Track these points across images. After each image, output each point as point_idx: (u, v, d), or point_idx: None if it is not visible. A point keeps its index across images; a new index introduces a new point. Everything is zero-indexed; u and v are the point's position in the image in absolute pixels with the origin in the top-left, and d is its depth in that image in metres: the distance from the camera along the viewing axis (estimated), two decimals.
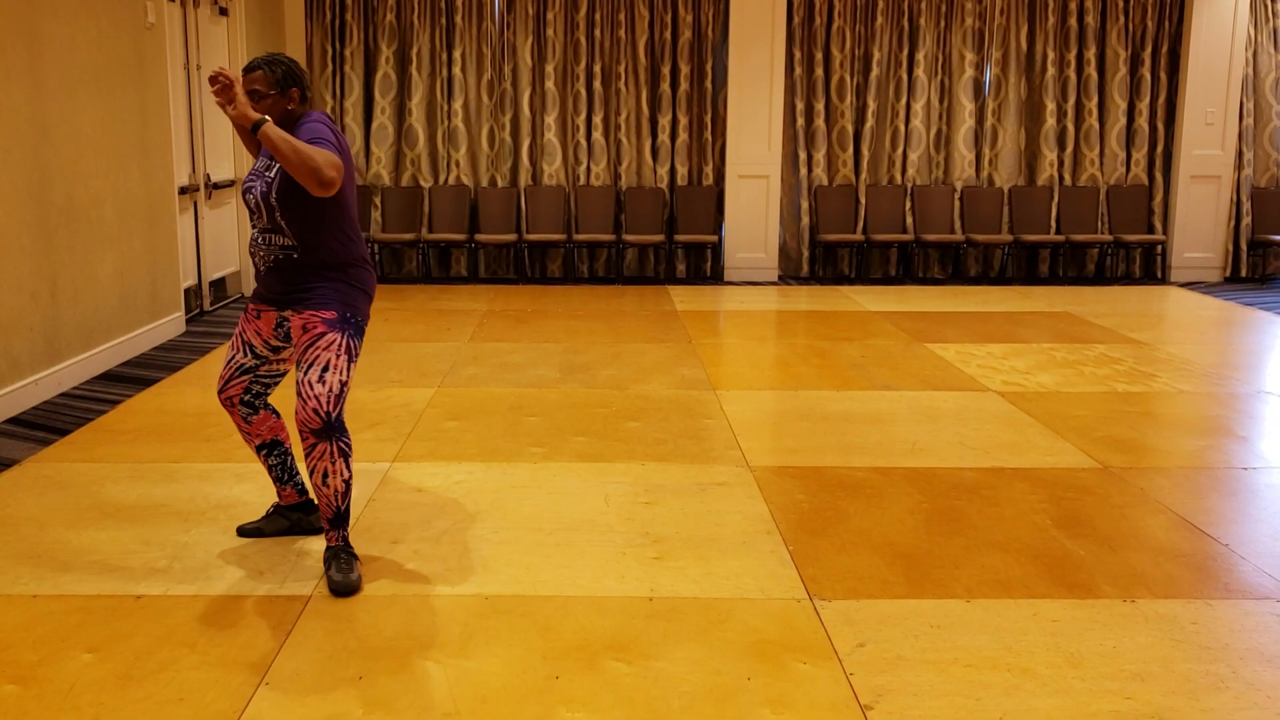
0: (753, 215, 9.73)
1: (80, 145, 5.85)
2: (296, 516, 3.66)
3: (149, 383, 5.83)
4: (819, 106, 9.78)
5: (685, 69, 9.70)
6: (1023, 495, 4.14)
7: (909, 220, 9.92)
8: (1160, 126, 9.94)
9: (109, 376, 5.98)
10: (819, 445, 4.76)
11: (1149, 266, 10.17)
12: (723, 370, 6.18)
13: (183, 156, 7.52)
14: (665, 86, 9.69)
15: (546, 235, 9.56)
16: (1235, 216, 9.98)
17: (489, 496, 4.08)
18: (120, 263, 6.32)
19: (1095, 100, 9.86)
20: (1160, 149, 9.97)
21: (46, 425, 5.03)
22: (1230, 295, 9.17)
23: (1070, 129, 9.92)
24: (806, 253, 10.02)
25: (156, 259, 6.86)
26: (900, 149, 9.89)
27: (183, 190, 7.47)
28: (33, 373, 5.39)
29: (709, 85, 9.77)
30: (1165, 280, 10.01)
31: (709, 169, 9.88)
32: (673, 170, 9.84)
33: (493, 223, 9.72)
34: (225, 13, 8.25)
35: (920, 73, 9.77)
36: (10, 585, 3.28)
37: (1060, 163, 10.01)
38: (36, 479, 4.26)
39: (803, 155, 9.87)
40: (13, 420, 5.10)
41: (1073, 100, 9.87)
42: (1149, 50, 9.81)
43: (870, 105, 9.81)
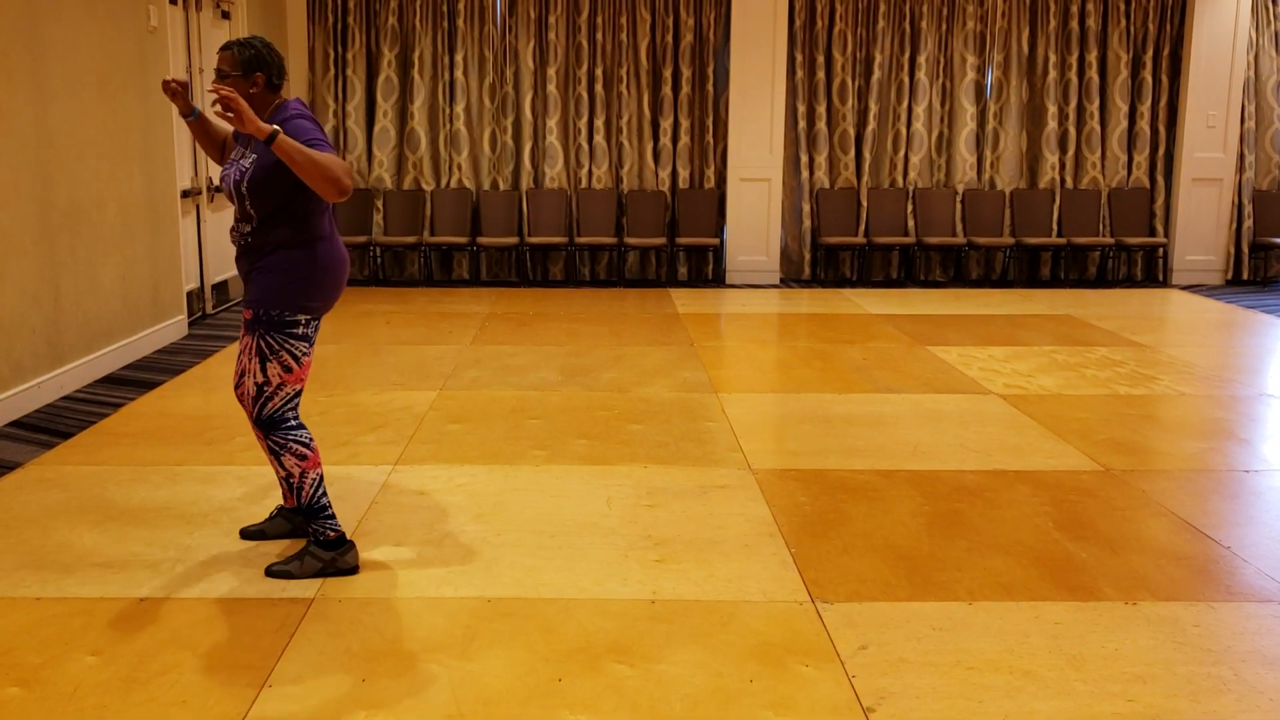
0: (754, 218, 9.74)
1: (83, 148, 5.86)
2: (300, 520, 3.66)
3: (151, 386, 5.84)
4: (820, 109, 9.79)
5: (687, 72, 9.71)
6: (1024, 498, 4.14)
7: (911, 223, 9.93)
8: (1162, 129, 9.95)
9: (111, 379, 5.99)
10: (821, 448, 4.76)
11: (1150, 269, 10.17)
12: (724, 373, 6.19)
13: (185, 160, 7.53)
14: (667, 89, 9.70)
15: (548, 238, 9.57)
16: (1237, 219, 9.99)
17: (491, 499, 4.09)
18: (123, 266, 6.33)
19: (1097, 103, 9.87)
20: (1162, 152, 9.98)
21: (49, 428, 5.03)
22: (1232, 298, 9.17)
23: (1072, 132, 9.93)
24: (808, 255, 10.02)
25: (159, 262, 6.87)
26: (902, 152, 9.90)
27: (185, 193, 7.48)
28: (35, 376, 5.40)
29: (710, 88, 9.78)
30: (1167, 283, 10.02)
31: (710, 172, 9.88)
32: (674, 173, 9.85)
33: (494, 226, 9.73)
34: (227, 16, 8.26)
35: (922, 76, 9.78)
36: (13, 588, 3.29)
37: (1062, 165, 10.01)
38: (39, 482, 4.26)
39: (804, 158, 9.87)
40: (15, 423, 5.11)
41: (1074, 103, 9.87)
42: (1150, 53, 9.82)
43: (872, 108, 9.81)
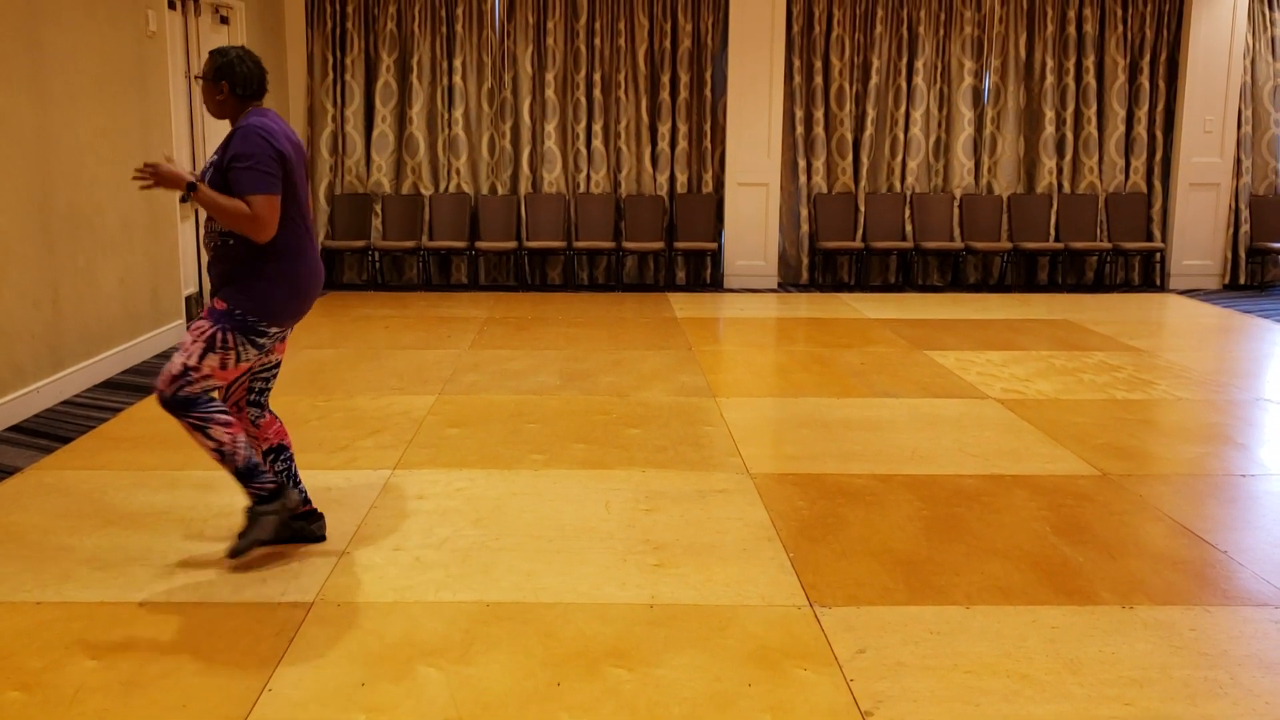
0: (752, 222, 9.75)
1: (83, 153, 5.87)
2: (299, 525, 3.67)
3: (151, 390, 5.85)
4: (818, 114, 9.81)
5: (685, 77, 9.73)
6: (1022, 502, 4.15)
7: (908, 228, 9.95)
8: (1159, 134, 9.97)
9: (111, 384, 5.99)
10: (819, 452, 4.77)
11: (1148, 274, 10.19)
12: (723, 377, 6.20)
13: (184, 164, 7.54)
14: (665, 94, 9.72)
15: (546, 242, 9.58)
16: (1234, 224, 10.01)
17: (490, 503, 4.10)
18: (122, 270, 6.34)
19: (1094, 108, 9.89)
20: (1159, 157, 10.00)
21: (49, 433, 5.04)
22: (1229, 302, 9.19)
23: (1069, 137, 9.95)
24: (806, 260, 10.04)
25: (158, 267, 6.88)
26: (899, 157, 9.92)
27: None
28: (35, 380, 5.40)
29: (708, 93, 9.80)
30: (1164, 288, 10.03)
31: (708, 176, 9.90)
32: (672, 178, 9.86)
33: (493, 230, 9.75)
34: (226, 21, 8.28)
35: (919, 81, 9.81)
36: (13, 593, 3.30)
37: (1059, 170, 10.03)
38: (39, 486, 4.27)
39: (802, 163, 9.89)
40: (15, 428, 5.11)
41: (1072, 108, 9.90)
42: (1147, 58, 9.84)
43: (869, 113, 9.84)
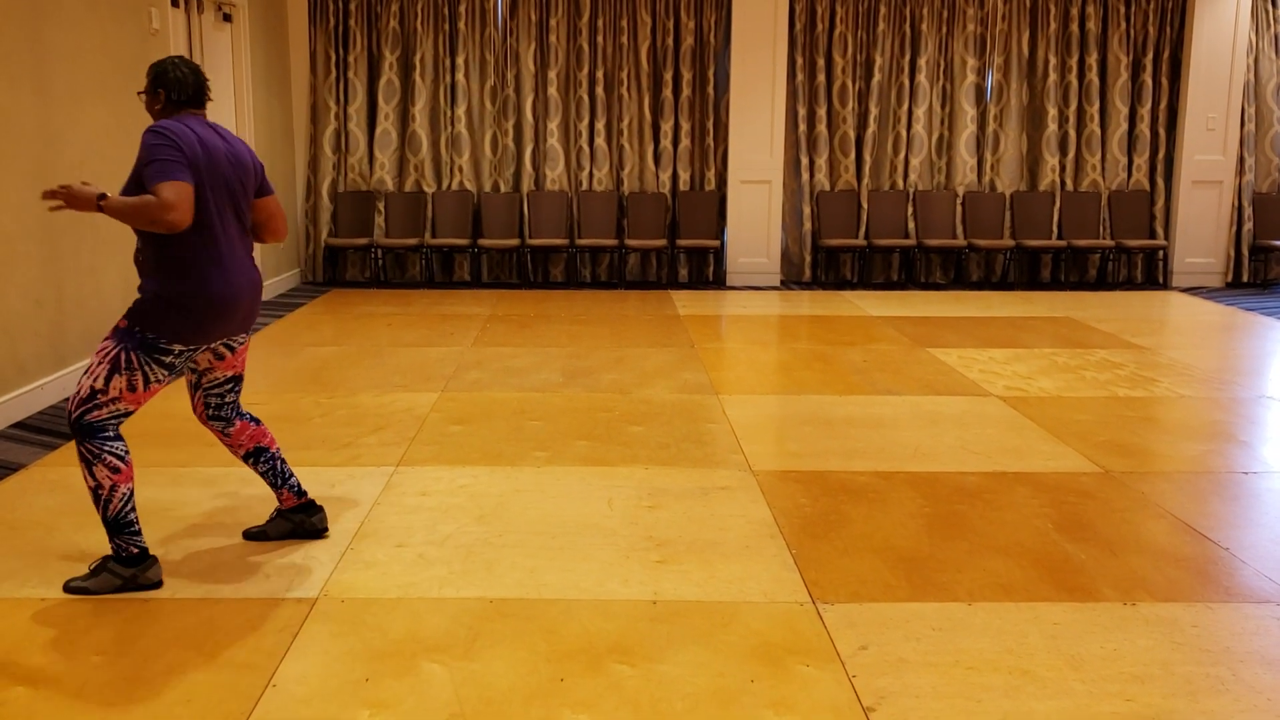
0: (755, 220, 9.76)
1: (86, 152, 5.88)
2: (299, 519, 3.68)
3: None
4: (821, 112, 9.81)
5: (687, 75, 9.73)
6: (1024, 499, 4.16)
7: (911, 225, 9.95)
8: (1162, 132, 9.97)
9: None
10: (821, 449, 4.77)
11: (1150, 271, 10.19)
12: (725, 375, 6.20)
13: None
14: (667, 92, 9.72)
15: (549, 240, 9.59)
16: (1237, 222, 10.00)
17: (493, 500, 4.10)
18: (125, 269, 6.35)
19: (1097, 106, 9.89)
20: (1162, 154, 9.99)
21: (53, 430, 5.05)
22: (1232, 300, 9.18)
23: (1072, 134, 9.95)
24: (808, 257, 10.04)
25: None
26: (902, 154, 9.92)
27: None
28: (39, 377, 5.42)
29: (711, 91, 9.80)
30: (1167, 285, 10.03)
31: (711, 174, 9.90)
32: (675, 175, 9.87)
33: (495, 228, 9.75)
34: (229, 19, 8.28)
35: (922, 78, 9.80)
36: (18, 589, 3.31)
37: (1062, 168, 10.03)
38: (44, 483, 4.28)
39: (805, 160, 9.89)
40: (19, 425, 5.13)
41: (1074, 106, 9.89)
42: (1150, 56, 9.84)
43: (872, 111, 9.84)
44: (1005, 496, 4.19)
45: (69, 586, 3.30)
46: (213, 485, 4.26)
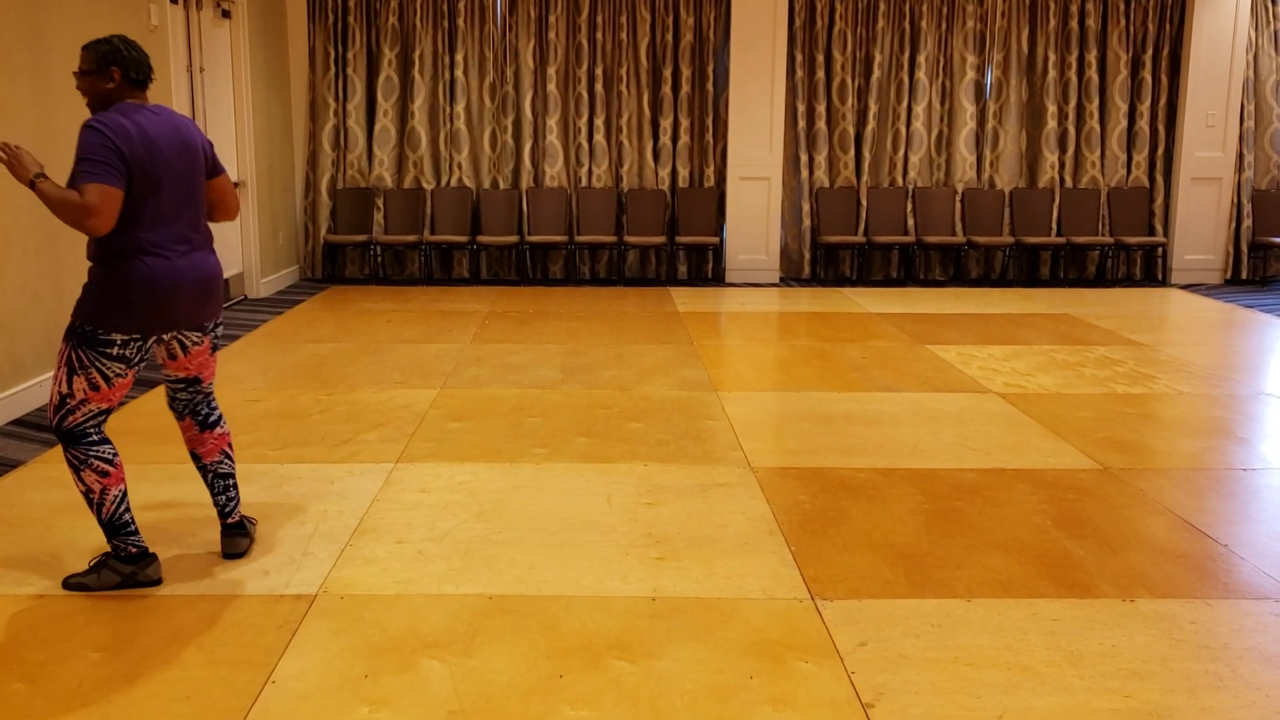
0: (754, 217, 9.75)
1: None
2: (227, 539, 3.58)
3: (153, 384, 5.86)
4: (820, 109, 9.81)
5: (687, 71, 9.72)
6: (1023, 496, 4.16)
7: (910, 222, 9.94)
8: (1161, 129, 9.97)
9: None
10: (821, 446, 4.78)
11: (1150, 268, 10.19)
12: (724, 371, 6.20)
13: None
14: (667, 89, 9.72)
15: (548, 237, 9.59)
16: (1236, 219, 10.01)
17: (492, 497, 4.10)
18: None
19: (1096, 103, 9.88)
20: (1161, 151, 9.99)
21: (51, 426, 5.04)
22: (1231, 297, 9.19)
23: (1071, 131, 9.94)
24: (808, 254, 10.04)
25: None
26: (901, 151, 9.92)
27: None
28: (37, 374, 5.41)
29: (710, 88, 9.80)
30: (1166, 282, 10.03)
31: (710, 171, 9.90)
32: (674, 172, 9.86)
33: (495, 224, 9.75)
34: (228, 15, 8.28)
35: (921, 75, 9.80)
36: (17, 585, 3.31)
37: (1061, 165, 10.03)
38: (42, 479, 4.28)
39: (804, 157, 9.89)
40: (17, 421, 5.13)
41: (1074, 103, 9.89)
42: (1150, 53, 9.83)
43: (871, 108, 9.83)
44: (1004, 493, 4.19)
45: (68, 583, 3.30)
46: None
